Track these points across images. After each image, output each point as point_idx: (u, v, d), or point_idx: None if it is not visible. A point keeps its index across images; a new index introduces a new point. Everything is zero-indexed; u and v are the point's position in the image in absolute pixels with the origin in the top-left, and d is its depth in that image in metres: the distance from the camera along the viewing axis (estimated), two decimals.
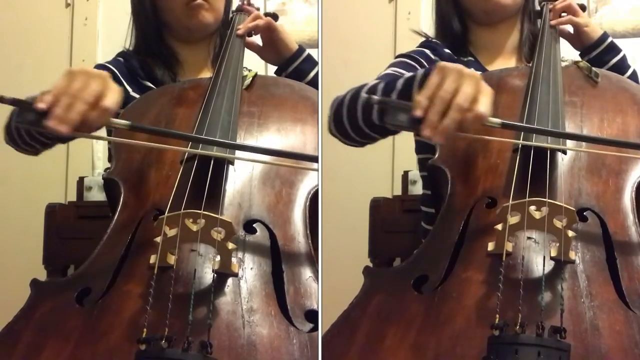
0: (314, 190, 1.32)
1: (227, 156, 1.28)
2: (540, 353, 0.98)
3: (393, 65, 1.55)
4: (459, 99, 1.11)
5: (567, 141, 1.31)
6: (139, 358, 1.00)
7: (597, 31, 1.66)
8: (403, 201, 2.00)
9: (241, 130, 1.38)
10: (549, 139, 1.28)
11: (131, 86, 1.61)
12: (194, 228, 1.13)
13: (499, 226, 1.14)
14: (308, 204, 1.29)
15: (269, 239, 1.23)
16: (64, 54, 2.40)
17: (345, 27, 2.37)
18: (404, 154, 2.18)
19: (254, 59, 1.69)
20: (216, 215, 1.14)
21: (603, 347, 1.03)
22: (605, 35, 1.66)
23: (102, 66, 1.63)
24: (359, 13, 2.43)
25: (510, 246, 1.12)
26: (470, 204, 1.25)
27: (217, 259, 1.13)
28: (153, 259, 1.13)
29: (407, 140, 1.74)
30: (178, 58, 1.68)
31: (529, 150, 1.26)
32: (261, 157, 1.31)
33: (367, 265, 1.25)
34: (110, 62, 1.65)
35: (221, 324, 1.08)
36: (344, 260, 1.75)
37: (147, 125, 1.32)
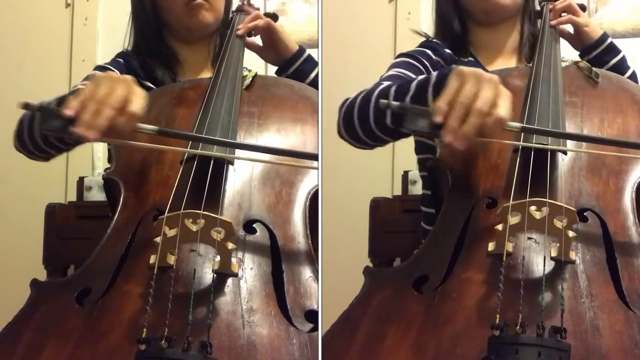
0: (314, 190, 1.32)
1: (227, 156, 1.28)
2: (540, 353, 0.98)
3: (396, 65, 1.53)
4: (479, 103, 1.11)
5: (568, 142, 1.31)
6: (139, 358, 1.00)
7: (597, 31, 1.66)
8: (403, 201, 2.00)
9: (241, 130, 1.38)
10: (549, 139, 1.28)
11: None
12: (194, 228, 1.13)
13: (500, 226, 1.14)
14: (308, 204, 1.29)
15: (269, 239, 1.23)
16: (64, 54, 2.39)
17: (345, 27, 2.37)
18: (404, 154, 2.18)
19: (254, 59, 1.69)
20: (216, 216, 1.14)
21: (603, 347, 1.03)
22: (605, 36, 1.66)
23: (102, 67, 1.63)
24: (359, 13, 2.43)
25: (510, 246, 1.12)
26: (470, 204, 1.25)
27: (217, 259, 1.13)
28: (153, 259, 1.13)
29: (407, 141, 1.74)
30: (178, 58, 1.68)
31: (530, 150, 1.26)
32: (261, 157, 1.31)
33: (368, 265, 1.25)
34: (110, 64, 1.65)
35: (221, 324, 1.08)
36: (344, 260, 1.75)
37: (174, 130, 1.32)
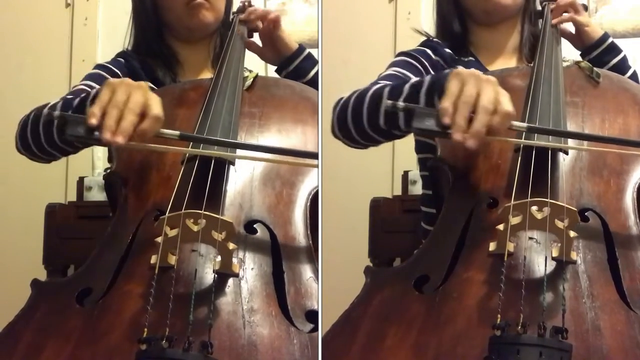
0: (314, 191, 1.31)
1: (228, 155, 1.28)
2: (541, 353, 0.98)
3: (394, 64, 1.54)
4: (483, 101, 1.13)
5: (569, 140, 1.30)
6: (140, 358, 1.00)
7: (598, 31, 1.66)
8: (403, 201, 2.00)
9: (242, 131, 1.38)
10: (550, 138, 1.27)
11: None
12: (195, 228, 1.13)
13: (501, 226, 1.14)
14: (309, 204, 1.29)
15: (269, 239, 1.23)
16: (64, 54, 2.39)
17: (345, 27, 2.37)
18: (404, 154, 2.18)
19: (254, 60, 1.69)
20: (217, 216, 1.14)
21: (604, 348, 1.03)
22: (606, 36, 1.66)
23: (102, 66, 1.63)
24: (359, 13, 2.43)
25: (511, 246, 1.12)
26: (471, 204, 1.24)
27: (218, 259, 1.13)
28: (154, 259, 1.13)
29: (407, 140, 1.74)
30: (178, 58, 1.68)
31: (531, 150, 1.26)
32: (262, 157, 1.31)
33: (368, 265, 1.25)
34: (111, 63, 1.64)
35: (222, 324, 1.08)
36: (344, 260, 1.75)
37: (192, 134, 1.32)
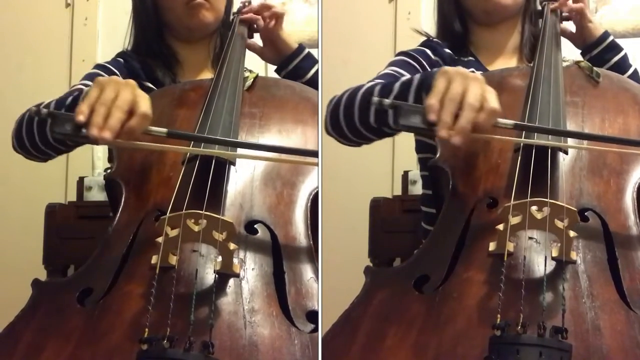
0: (315, 191, 1.32)
1: (229, 154, 1.28)
2: (541, 353, 0.98)
3: (393, 64, 1.55)
4: (469, 98, 1.15)
5: (570, 140, 1.31)
6: (141, 358, 1.00)
7: (599, 29, 1.66)
8: (403, 201, 2.00)
9: (242, 131, 1.38)
10: (549, 137, 1.27)
11: None
12: (196, 228, 1.13)
13: (501, 226, 1.14)
14: (309, 205, 1.29)
15: (270, 239, 1.23)
16: (64, 54, 2.39)
17: (345, 27, 2.37)
18: (404, 154, 2.18)
19: (254, 60, 1.69)
20: (218, 216, 1.14)
21: (604, 348, 1.03)
22: (607, 34, 1.66)
23: (102, 66, 1.63)
24: (359, 13, 2.43)
25: (511, 246, 1.12)
26: (471, 204, 1.25)
27: (219, 260, 1.13)
28: (155, 259, 1.13)
29: (407, 140, 1.74)
30: (178, 58, 1.68)
31: (531, 150, 1.26)
32: (262, 156, 1.31)
33: (368, 265, 1.25)
34: (110, 63, 1.64)
35: (223, 324, 1.08)
36: (344, 260, 1.75)
37: (183, 131, 1.33)
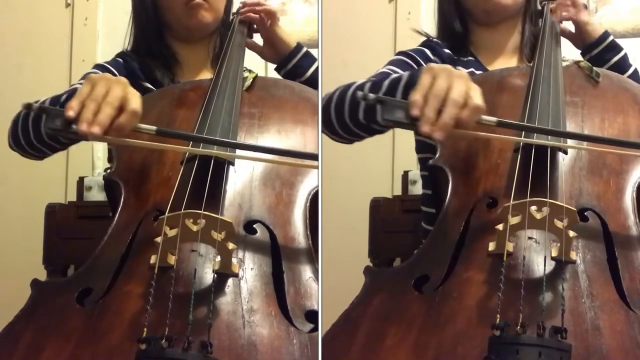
0: (314, 191, 1.31)
1: (227, 154, 1.28)
2: (541, 353, 0.98)
3: (391, 63, 1.56)
4: (453, 94, 1.15)
5: (569, 140, 1.30)
6: (140, 357, 1.00)
7: (599, 29, 1.66)
8: (403, 201, 2.00)
9: (241, 131, 1.38)
10: (548, 137, 1.27)
11: None
12: (194, 228, 1.13)
13: (500, 226, 1.14)
14: (308, 204, 1.29)
15: (269, 239, 1.23)
16: (64, 54, 2.39)
17: (345, 27, 2.37)
18: (404, 154, 2.18)
19: (254, 60, 1.69)
20: (216, 216, 1.14)
21: (604, 348, 1.03)
22: (607, 34, 1.66)
23: (101, 66, 1.62)
24: (359, 13, 2.43)
25: (511, 246, 1.12)
26: (471, 204, 1.24)
27: (218, 259, 1.13)
28: (153, 259, 1.13)
29: (407, 140, 1.74)
30: (177, 58, 1.68)
31: (530, 150, 1.26)
32: (261, 157, 1.31)
33: (368, 265, 1.25)
34: (109, 63, 1.64)
35: (221, 324, 1.08)
36: (344, 260, 1.75)
37: (173, 130, 1.33)
